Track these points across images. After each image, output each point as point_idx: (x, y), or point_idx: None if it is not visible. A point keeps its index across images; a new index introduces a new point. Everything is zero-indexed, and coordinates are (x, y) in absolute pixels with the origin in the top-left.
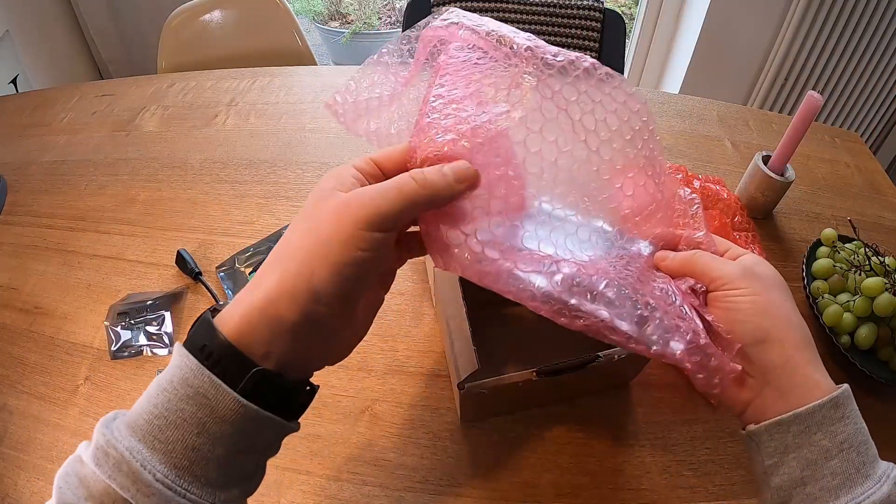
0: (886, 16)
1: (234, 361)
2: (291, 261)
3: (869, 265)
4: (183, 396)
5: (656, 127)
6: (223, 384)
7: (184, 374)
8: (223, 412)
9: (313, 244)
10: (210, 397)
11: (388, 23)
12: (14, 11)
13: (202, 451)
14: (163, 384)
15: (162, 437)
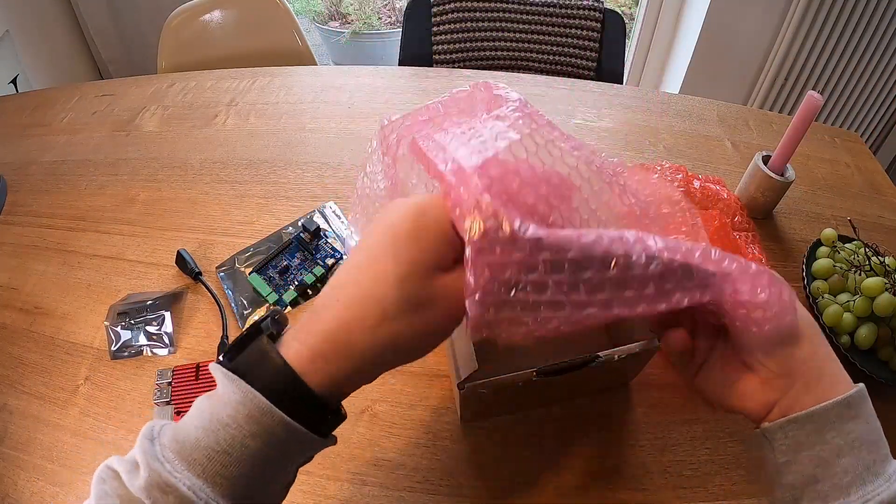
0: (886, 16)
1: (309, 406)
2: (384, 351)
3: (869, 265)
4: (249, 434)
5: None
6: (302, 429)
7: (250, 411)
8: (291, 446)
9: (415, 337)
10: (282, 437)
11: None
12: (14, 11)
13: (262, 481)
14: (223, 419)
15: (226, 474)
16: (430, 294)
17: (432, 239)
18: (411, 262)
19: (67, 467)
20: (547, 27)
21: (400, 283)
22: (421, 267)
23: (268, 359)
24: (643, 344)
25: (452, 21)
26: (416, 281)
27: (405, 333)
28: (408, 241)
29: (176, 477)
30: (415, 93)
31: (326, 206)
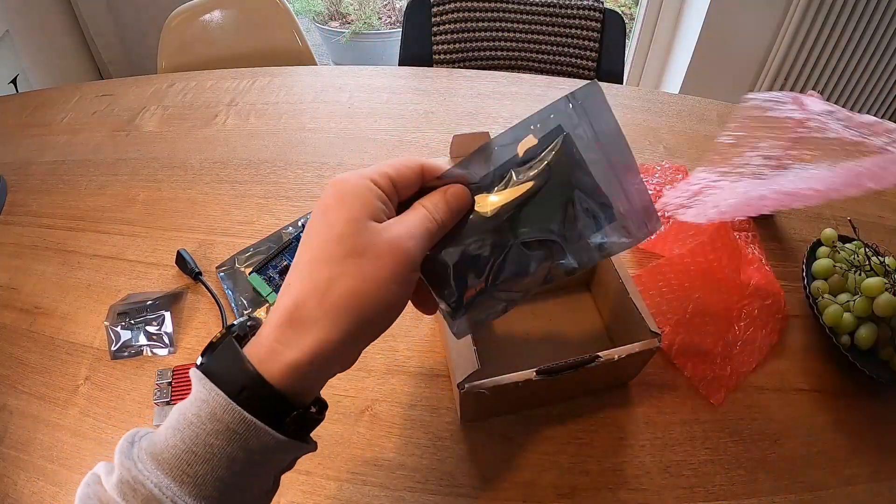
0: (886, 16)
1: (272, 402)
2: (345, 311)
3: (869, 265)
4: (212, 431)
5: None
6: (260, 423)
7: (212, 409)
8: (255, 446)
9: (372, 291)
10: (241, 433)
11: (388, 23)
12: (14, 11)
13: (229, 481)
14: (188, 417)
15: (191, 472)
16: (369, 240)
17: (357, 196)
18: (345, 220)
19: (67, 467)
20: (547, 27)
21: (339, 238)
22: (354, 221)
23: (230, 357)
24: (643, 344)
25: (452, 21)
26: (353, 232)
27: (357, 286)
28: (336, 205)
29: (145, 475)
30: (415, 93)
31: None
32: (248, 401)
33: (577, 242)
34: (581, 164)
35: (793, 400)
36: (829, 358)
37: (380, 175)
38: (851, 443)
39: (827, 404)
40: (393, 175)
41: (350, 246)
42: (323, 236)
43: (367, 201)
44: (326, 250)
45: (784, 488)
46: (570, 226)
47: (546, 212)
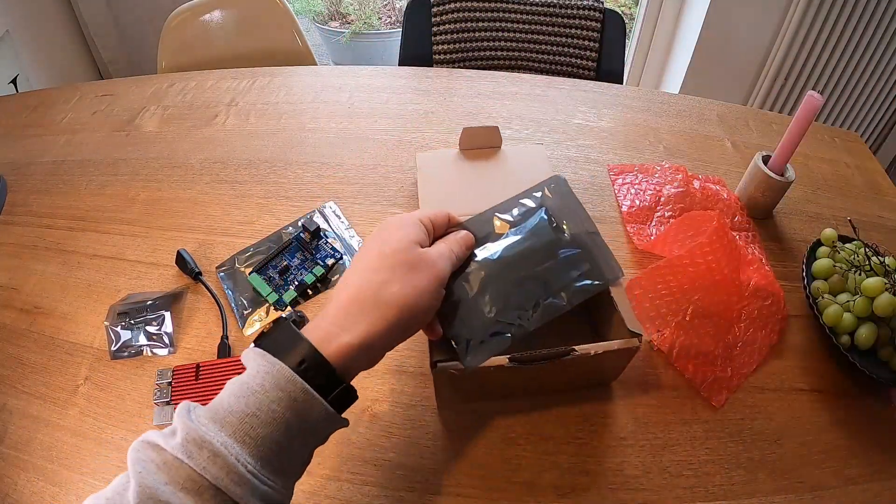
0: (886, 16)
1: (325, 376)
2: (393, 308)
3: (869, 265)
4: (275, 399)
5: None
6: (316, 394)
7: (276, 380)
8: (308, 415)
9: (415, 296)
10: (301, 401)
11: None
12: (14, 11)
13: (283, 444)
14: (253, 387)
15: (252, 434)
16: (417, 258)
17: (411, 225)
18: (399, 240)
19: (67, 467)
20: (547, 27)
21: (394, 253)
22: (407, 241)
23: (291, 337)
24: (622, 342)
25: (452, 21)
26: (405, 249)
27: (407, 291)
28: (394, 230)
29: (210, 434)
30: (415, 93)
31: (326, 206)
32: (307, 373)
33: (563, 285)
34: (559, 228)
35: (793, 400)
36: (829, 358)
37: (424, 217)
38: (851, 443)
39: (827, 404)
40: (432, 217)
41: (402, 259)
42: (379, 250)
43: (417, 230)
44: (381, 261)
45: (784, 488)
46: (556, 272)
47: (537, 260)
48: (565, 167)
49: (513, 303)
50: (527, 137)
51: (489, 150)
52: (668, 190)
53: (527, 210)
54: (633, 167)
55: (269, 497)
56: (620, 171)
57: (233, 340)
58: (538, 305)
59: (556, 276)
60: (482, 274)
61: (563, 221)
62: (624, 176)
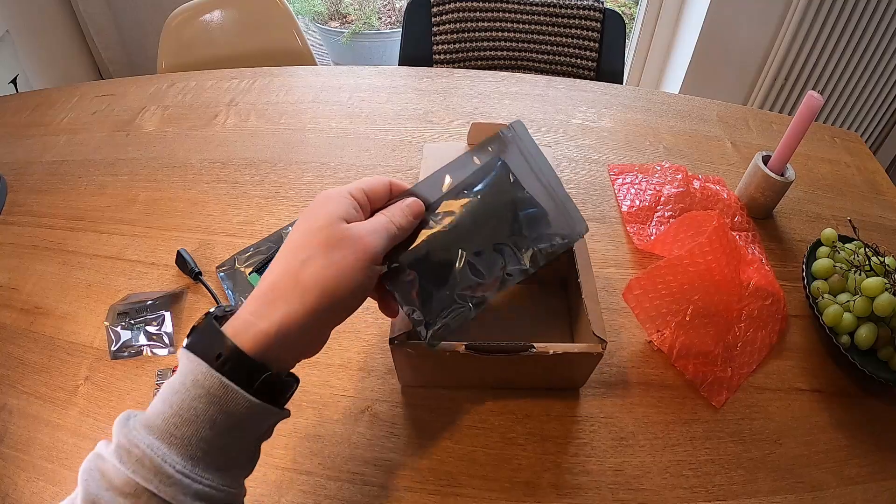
0: (886, 16)
1: (245, 368)
2: (312, 291)
3: (869, 265)
4: (195, 396)
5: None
6: (235, 386)
7: (195, 377)
8: (233, 409)
9: (335, 275)
10: (220, 396)
11: (388, 23)
12: (14, 11)
13: (213, 442)
14: (175, 386)
15: (178, 434)
16: (342, 235)
17: (336, 201)
18: (324, 216)
19: (67, 467)
20: (547, 27)
21: (318, 230)
22: (330, 217)
23: (209, 332)
24: (583, 346)
25: (452, 21)
26: (328, 226)
27: (328, 272)
28: (318, 207)
29: (138, 439)
30: (415, 93)
31: None
32: (224, 367)
33: (525, 246)
34: (518, 184)
35: (793, 400)
36: (829, 358)
37: (355, 188)
38: (851, 443)
39: (827, 404)
40: (366, 188)
41: (324, 237)
42: (303, 228)
43: (343, 205)
44: (304, 239)
45: (784, 488)
46: (517, 234)
47: (495, 224)
48: (565, 167)
49: (472, 275)
50: None
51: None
52: (668, 190)
53: (484, 166)
54: (633, 167)
55: (206, 495)
56: (620, 171)
57: None
58: (499, 275)
59: (517, 240)
60: (437, 244)
61: (522, 172)
62: (624, 176)
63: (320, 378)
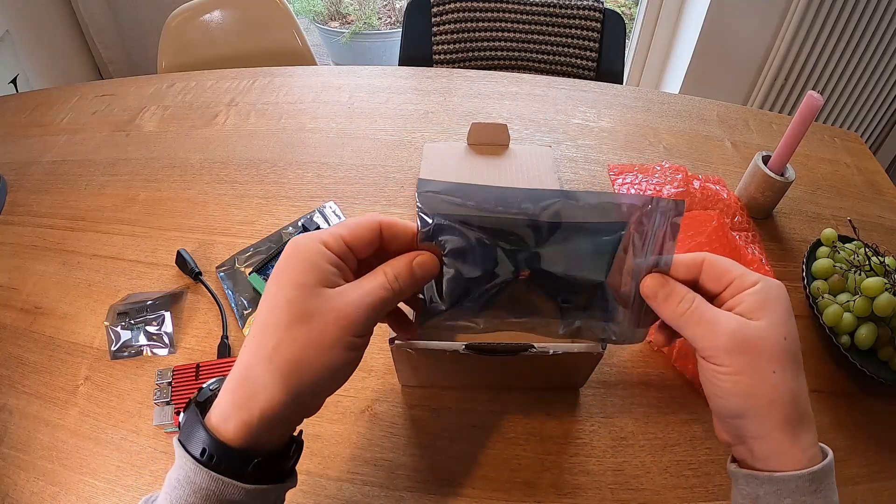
0: (886, 16)
1: (234, 458)
2: (289, 378)
3: (869, 265)
4: (190, 492)
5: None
6: (227, 479)
7: (186, 473)
8: (228, 498)
9: (306, 357)
10: (214, 490)
11: (388, 23)
12: (14, 11)
13: None
14: (172, 482)
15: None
16: (315, 306)
17: (306, 260)
18: (293, 285)
19: (67, 467)
20: (547, 27)
21: (287, 305)
22: (301, 287)
23: (193, 424)
24: (583, 346)
25: (452, 21)
26: (299, 299)
27: (300, 353)
28: (285, 269)
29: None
30: (415, 93)
31: (326, 206)
32: (212, 460)
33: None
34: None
35: None
36: (829, 358)
37: (332, 237)
38: (851, 443)
39: (827, 404)
40: (346, 236)
41: (296, 312)
42: (272, 302)
43: (316, 266)
44: (274, 316)
45: None
46: (581, 308)
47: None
48: (565, 167)
49: (511, 305)
50: (527, 137)
51: (496, 147)
52: (668, 190)
53: (609, 223)
54: (633, 167)
55: None
56: (620, 171)
57: (233, 340)
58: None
59: (575, 313)
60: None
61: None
62: (624, 176)
63: None
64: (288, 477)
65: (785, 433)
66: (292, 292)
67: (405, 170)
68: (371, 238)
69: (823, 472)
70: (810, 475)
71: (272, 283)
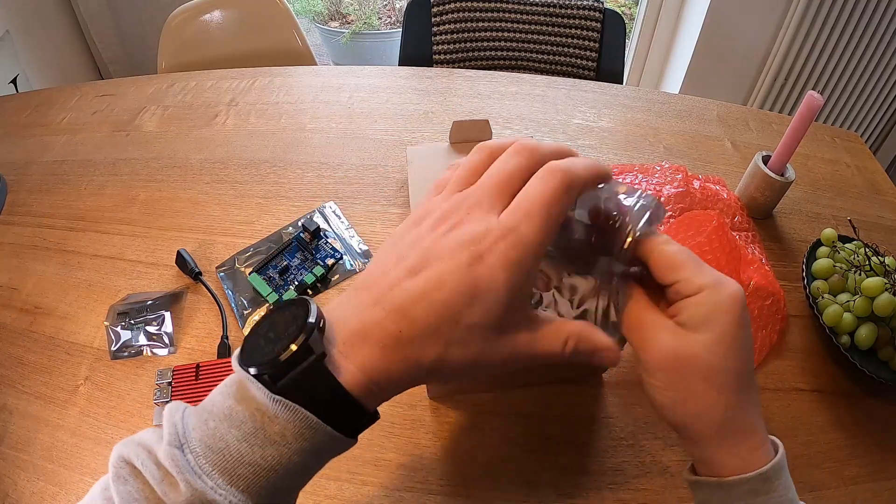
0: (886, 16)
1: (354, 416)
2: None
3: (869, 265)
4: (296, 450)
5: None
6: (344, 437)
7: (299, 429)
8: (329, 455)
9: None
10: (323, 446)
11: (388, 23)
12: (14, 11)
13: (296, 487)
14: (271, 436)
15: (269, 486)
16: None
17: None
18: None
19: (67, 467)
20: (547, 27)
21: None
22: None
23: (323, 383)
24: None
25: (452, 21)
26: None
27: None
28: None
29: (221, 494)
30: (415, 93)
31: (326, 206)
32: (336, 417)
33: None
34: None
35: (793, 400)
36: (829, 358)
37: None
38: (851, 443)
39: (827, 404)
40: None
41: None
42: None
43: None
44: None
45: None
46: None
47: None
48: None
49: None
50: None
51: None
52: (668, 190)
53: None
54: (633, 167)
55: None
56: (620, 171)
57: (233, 340)
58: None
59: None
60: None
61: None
62: (624, 176)
63: None
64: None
65: (720, 447)
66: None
67: (405, 170)
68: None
69: (774, 470)
70: (760, 476)
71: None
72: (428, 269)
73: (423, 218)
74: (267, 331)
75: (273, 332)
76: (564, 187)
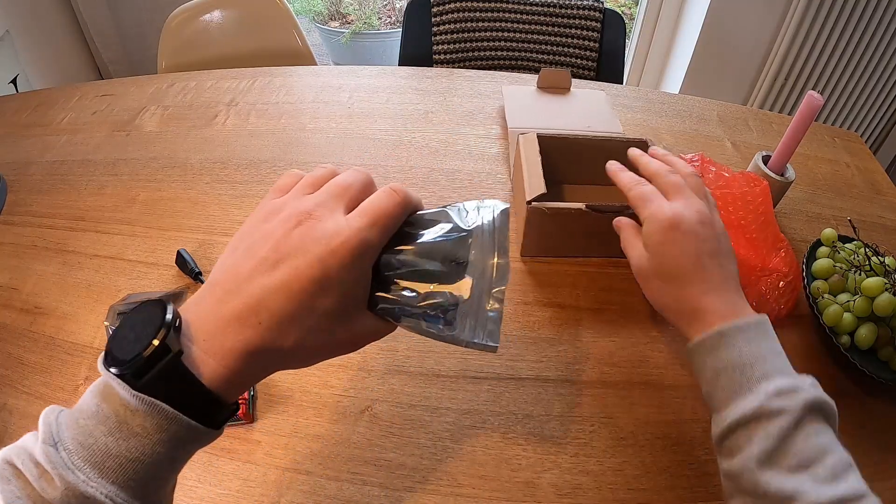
0: (886, 16)
1: (215, 408)
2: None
3: (869, 265)
4: (158, 441)
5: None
6: (205, 428)
7: (159, 422)
8: (193, 446)
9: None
10: (184, 437)
11: (388, 23)
12: (14, 11)
13: (167, 478)
14: (134, 430)
15: (137, 478)
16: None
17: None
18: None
19: None
20: (547, 27)
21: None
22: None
23: (181, 379)
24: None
25: (452, 21)
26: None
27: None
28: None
29: (93, 486)
30: (415, 93)
31: None
32: (196, 410)
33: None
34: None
35: None
36: (829, 358)
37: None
38: (851, 443)
39: None
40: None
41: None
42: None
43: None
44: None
45: None
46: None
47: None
48: None
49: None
50: None
51: (561, 90)
52: None
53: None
54: None
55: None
56: None
57: None
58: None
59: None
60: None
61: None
62: None
63: (320, 378)
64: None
65: (681, 324)
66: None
67: (405, 170)
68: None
69: (734, 328)
70: (717, 332)
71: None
72: (286, 262)
73: (272, 214)
74: (128, 332)
75: (133, 333)
76: (404, 204)
